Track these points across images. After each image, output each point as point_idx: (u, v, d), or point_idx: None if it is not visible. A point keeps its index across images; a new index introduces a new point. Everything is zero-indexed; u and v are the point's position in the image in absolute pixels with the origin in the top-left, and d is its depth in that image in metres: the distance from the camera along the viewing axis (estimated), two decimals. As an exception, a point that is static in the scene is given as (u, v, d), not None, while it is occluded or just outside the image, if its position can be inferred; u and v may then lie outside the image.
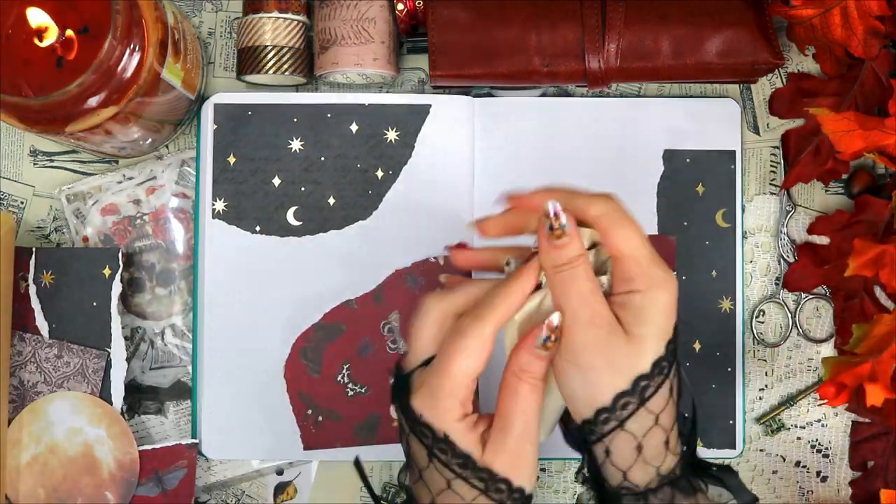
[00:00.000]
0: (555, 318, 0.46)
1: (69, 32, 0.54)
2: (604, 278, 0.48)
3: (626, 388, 0.46)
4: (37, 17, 0.55)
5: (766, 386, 0.69)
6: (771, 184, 0.69)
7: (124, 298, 0.66)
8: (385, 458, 0.66)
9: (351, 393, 0.66)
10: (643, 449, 0.46)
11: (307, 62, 0.66)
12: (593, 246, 0.49)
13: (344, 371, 0.66)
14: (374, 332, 0.66)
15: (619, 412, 0.46)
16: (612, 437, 0.46)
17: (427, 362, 0.48)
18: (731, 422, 0.67)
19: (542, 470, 0.68)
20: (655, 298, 0.46)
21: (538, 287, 0.48)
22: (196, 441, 0.65)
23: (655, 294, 0.46)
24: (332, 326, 0.66)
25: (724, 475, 0.50)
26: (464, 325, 0.46)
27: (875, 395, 0.57)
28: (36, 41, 0.55)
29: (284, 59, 0.64)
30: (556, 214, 0.46)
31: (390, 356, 0.66)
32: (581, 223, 0.48)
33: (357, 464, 0.53)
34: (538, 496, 0.68)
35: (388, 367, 0.66)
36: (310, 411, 0.66)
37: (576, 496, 0.55)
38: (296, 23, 0.65)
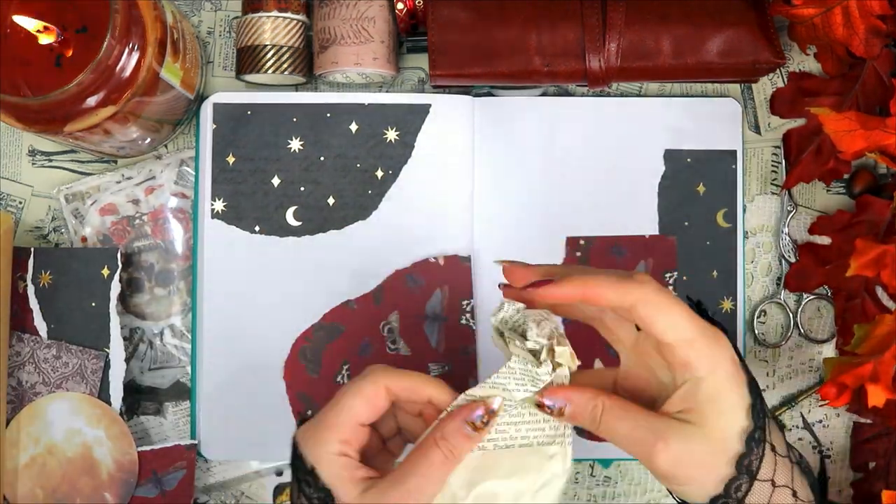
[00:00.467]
0: (495, 403, 0.45)
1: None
2: (563, 372, 0.45)
3: (732, 475, 0.44)
4: (27, 23, 0.54)
5: (767, 386, 0.69)
6: (772, 184, 0.69)
7: (123, 299, 0.66)
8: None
9: None
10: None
11: (307, 62, 0.66)
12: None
13: (344, 371, 0.66)
14: (374, 332, 0.66)
15: (736, 494, 0.44)
16: None
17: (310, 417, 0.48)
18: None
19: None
20: (720, 379, 0.44)
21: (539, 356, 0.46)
22: (195, 442, 0.65)
23: (718, 373, 0.44)
24: (332, 327, 0.66)
25: None
26: (369, 372, 0.47)
27: (876, 396, 0.57)
28: (40, 37, 0.55)
29: (284, 58, 0.64)
30: (540, 404, 0.45)
31: (390, 356, 0.66)
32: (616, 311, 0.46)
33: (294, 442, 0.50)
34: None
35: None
36: (310, 412, 0.66)
37: None
38: (295, 22, 0.65)
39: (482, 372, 0.66)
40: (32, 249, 0.64)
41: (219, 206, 0.66)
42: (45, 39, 0.55)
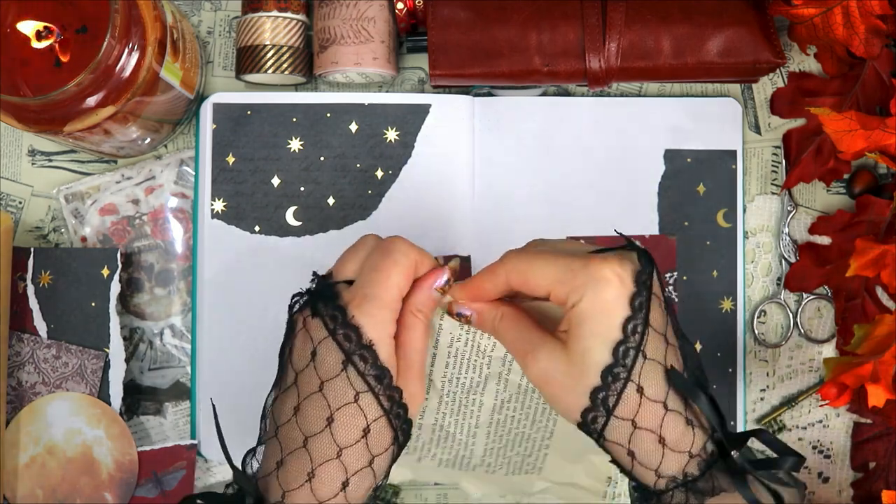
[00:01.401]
0: (456, 262, 0.49)
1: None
2: None
3: (587, 405, 0.45)
4: (29, 26, 0.54)
5: (767, 387, 0.68)
6: (772, 184, 0.69)
7: (123, 299, 0.66)
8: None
9: None
10: (638, 446, 0.45)
11: (306, 61, 0.66)
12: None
13: (343, 372, 0.66)
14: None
15: (593, 425, 0.45)
16: (610, 445, 0.46)
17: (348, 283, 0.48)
18: (731, 423, 0.67)
19: (543, 471, 0.68)
20: (583, 308, 0.44)
21: None
22: (195, 442, 0.65)
23: (583, 302, 0.44)
24: (332, 327, 0.66)
25: (761, 437, 0.48)
26: (401, 244, 0.48)
27: (877, 396, 0.57)
28: (33, 42, 0.55)
29: (284, 58, 0.64)
30: (449, 312, 0.49)
31: None
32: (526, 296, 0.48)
33: (213, 408, 0.51)
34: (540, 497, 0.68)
35: None
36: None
37: None
38: (295, 22, 0.64)
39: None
40: (32, 249, 0.64)
41: (219, 206, 0.66)
42: (40, 44, 0.54)
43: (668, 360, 0.46)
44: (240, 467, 0.49)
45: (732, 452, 0.47)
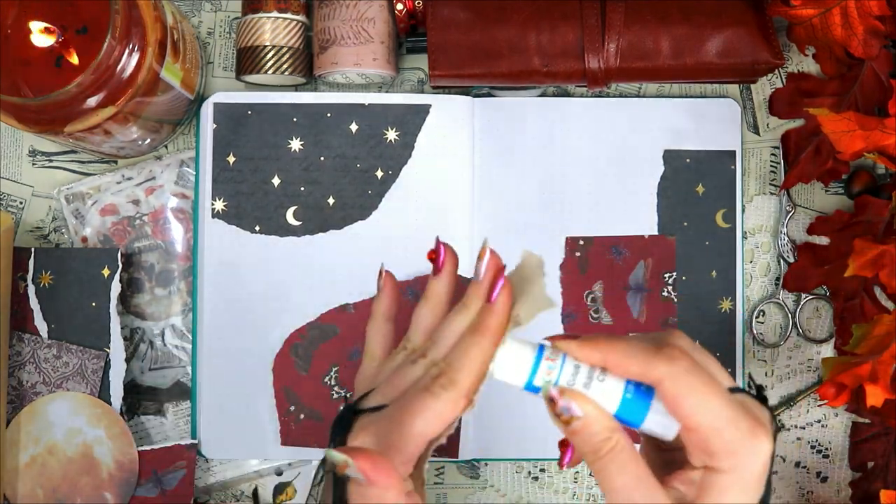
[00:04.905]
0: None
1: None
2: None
3: None
4: (37, 26, 0.55)
5: (765, 386, 0.69)
6: (771, 184, 0.69)
7: (123, 299, 0.66)
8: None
9: (336, 396, 0.66)
10: None
11: (306, 62, 0.66)
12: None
13: (332, 373, 0.66)
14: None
15: None
16: None
17: (376, 409, 0.42)
18: (730, 422, 0.67)
19: (542, 470, 0.68)
20: (741, 477, 0.38)
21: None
22: (195, 441, 0.65)
23: (740, 473, 0.38)
24: (328, 327, 0.66)
25: None
26: (434, 384, 0.40)
27: (875, 396, 0.57)
28: (35, 42, 0.55)
29: (284, 59, 0.64)
30: (552, 400, 0.40)
31: None
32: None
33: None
34: (539, 497, 0.68)
35: None
36: (293, 408, 0.66)
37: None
38: (295, 23, 0.65)
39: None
40: (33, 249, 0.64)
41: (219, 205, 0.66)
42: (43, 42, 0.55)
43: None
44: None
45: None
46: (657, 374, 0.39)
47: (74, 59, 0.54)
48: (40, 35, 0.55)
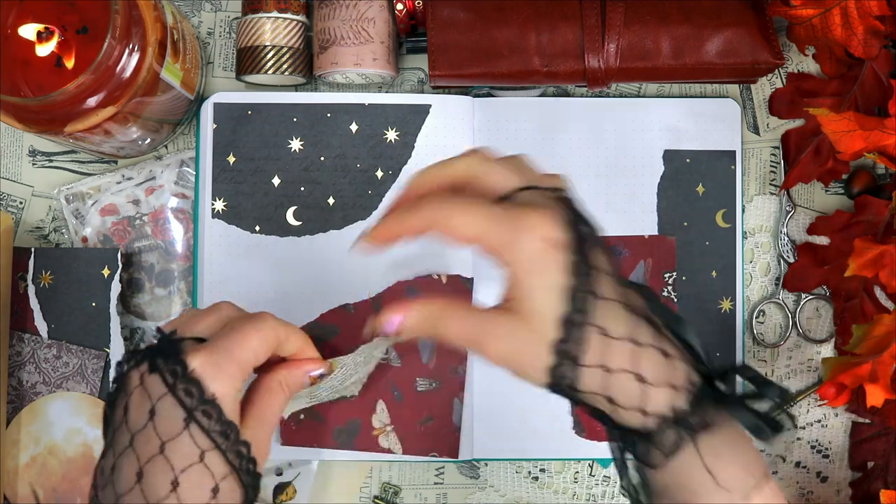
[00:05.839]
0: (336, 364, 0.52)
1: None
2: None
3: (554, 361, 0.42)
4: (30, 29, 0.55)
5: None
6: (771, 184, 0.69)
7: (123, 299, 0.66)
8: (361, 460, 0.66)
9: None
10: (616, 389, 0.42)
11: (306, 62, 0.66)
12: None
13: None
14: (367, 339, 0.66)
15: (565, 381, 0.42)
16: (587, 396, 0.43)
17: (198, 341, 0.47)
18: (730, 422, 0.67)
19: (542, 470, 0.68)
20: (523, 261, 0.42)
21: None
22: (195, 441, 0.65)
23: (521, 256, 0.42)
24: (328, 327, 0.66)
25: (743, 372, 0.45)
26: (266, 317, 0.48)
27: (875, 396, 0.57)
28: (36, 47, 0.55)
29: (284, 59, 0.64)
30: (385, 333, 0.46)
31: (381, 366, 0.66)
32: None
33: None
34: (539, 497, 0.68)
35: (376, 377, 0.65)
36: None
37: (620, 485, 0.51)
38: (295, 23, 0.65)
39: (468, 393, 0.66)
40: (33, 249, 0.64)
41: (219, 205, 0.66)
42: (43, 50, 0.55)
43: (627, 298, 0.43)
44: None
45: (718, 384, 0.44)
46: (425, 219, 0.44)
47: (70, 64, 0.55)
48: (34, 33, 0.55)
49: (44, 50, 0.55)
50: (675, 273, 0.67)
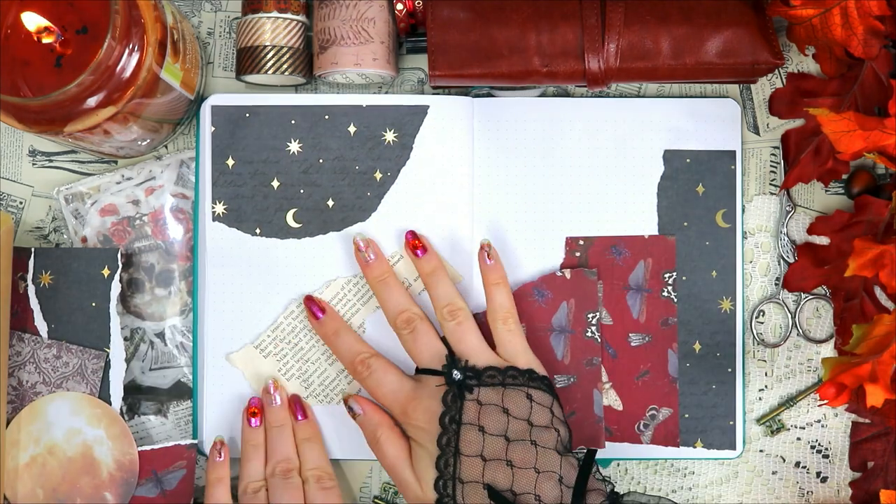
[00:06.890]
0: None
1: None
2: None
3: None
4: (34, 20, 0.55)
5: (765, 386, 0.69)
6: (771, 184, 0.69)
7: (123, 299, 0.66)
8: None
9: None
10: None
11: (306, 62, 0.66)
12: None
13: (343, 372, 0.66)
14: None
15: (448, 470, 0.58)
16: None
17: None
18: (731, 422, 0.67)
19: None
20: (414, 433, 0.62)
21: None
22: (196, 441, 0.65)
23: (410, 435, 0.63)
24: (332, 327, 0.66)
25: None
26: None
27: (875, 396, 0.57)
28: (35, 40, 0.55)
29: (284, 59, 0.64)
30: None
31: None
32: None
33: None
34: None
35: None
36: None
37: None
38: (295, 23, 0.65)
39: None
40: (33, 249, 0.64)
41: (219, 208, 0.66)
42: (47, 39, 0.55)
43: (489, 476, 0.57)
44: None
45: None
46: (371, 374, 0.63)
47: (70, 64, 0.54)
48: (32, 24, 0.55)
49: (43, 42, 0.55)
50: (675, 273, 0.67)
